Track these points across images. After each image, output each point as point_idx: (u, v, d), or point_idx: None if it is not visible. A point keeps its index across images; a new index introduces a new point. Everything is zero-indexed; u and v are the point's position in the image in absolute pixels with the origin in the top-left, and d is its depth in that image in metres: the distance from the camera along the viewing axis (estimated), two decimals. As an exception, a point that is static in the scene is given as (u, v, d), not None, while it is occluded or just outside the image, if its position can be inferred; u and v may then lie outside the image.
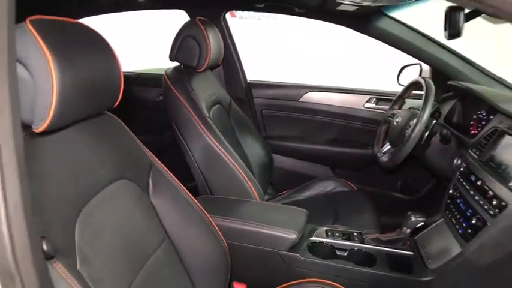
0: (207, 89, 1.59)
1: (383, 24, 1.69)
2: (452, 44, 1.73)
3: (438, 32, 1.74)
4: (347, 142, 2.04)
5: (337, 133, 2.06)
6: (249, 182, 1.41)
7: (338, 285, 1.10)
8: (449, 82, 1.62)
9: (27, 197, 0.41)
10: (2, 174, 0.38)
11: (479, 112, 1.48)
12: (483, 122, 1.43)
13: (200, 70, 1.51)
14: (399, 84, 2.02)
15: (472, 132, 1.47)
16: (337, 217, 1.59)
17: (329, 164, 2.11)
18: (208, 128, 1.41)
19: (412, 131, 1.36)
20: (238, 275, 1.17)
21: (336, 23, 1.75)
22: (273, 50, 10.25)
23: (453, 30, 0.94)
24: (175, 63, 1.56)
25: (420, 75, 1.89)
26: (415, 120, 1.41)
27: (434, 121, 1.44)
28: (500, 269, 1.00)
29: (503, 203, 0.99)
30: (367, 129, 1.97)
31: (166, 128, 2.13)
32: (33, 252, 0.41)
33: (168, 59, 1.53)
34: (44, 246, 0.57)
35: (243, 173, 1.41)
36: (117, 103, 0.88)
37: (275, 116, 2.13)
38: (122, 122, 0.98)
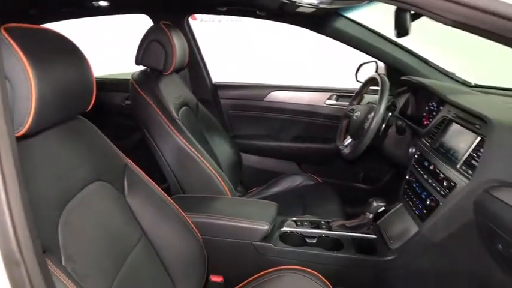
0: (174, 91, 1.62)
1: (340, 24, 1.79)
2: (405, 41, 1.87)
3: (390, 31, 1.88)
4: (311, 138, 2.13)
5: (302, 130, 2.15)
6: (220, 180, 1.46)
7: (309, 270, 1.17)
8: (403, 77, 1.74)
9: (25, 195, 0.45)
10: (3, 176, 0.42)
11: (430, 104, 1.61)
12: (434, 113, 1.55)
13: (167, 73, 1.54)
14: (357, 81, 2.14)
15: (425, 122, 1.60)
16: (305, 209, 1.67)
17: (295, 160, 2.19)
18: (178, 129, 1.45)
19: (370, 123, 1.46)
20: (215, 268, 1.22)
21: (295, 25, 1.83)
22: (235, 51, 10.31)
23: (402, 29, 1.04)
24: (138, 68, 1.58)
25: (376, 71, 2.01)
26: (372, 114, 1.51)
27: (390, 114, 1.55)
28: (453, 242, 1.11)
29: (452, 184, 1.10)
30: (329, 125, 2.07)
31: (132, 133, 2.14)
32: (33, 242, 0.44)
33: (124, 64, 1.55)
34: None
35: (214, 171, 1.46)
36: (90, 107, 0.90)
37: (242, 116, 2.19)
38: (94, 125, 1.00)
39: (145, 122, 1.49)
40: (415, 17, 1.03)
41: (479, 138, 1.10)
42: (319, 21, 1.78)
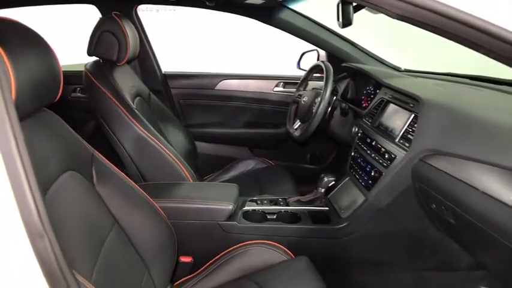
0: (128, 82, 1.63)
1: (285, 15, 1.90)
2: (344, 31, 2.03)
3: (330, 21, 2.03)
4: (262, 124, 2.24)
5: (252, 116, 2.25)
6: (181, 166, 1.51)
7: (272, 242, 1.28)
8: (344, 64, 1.90)
9: (34, 175, 0.49)
10: (21, 156, 0.46)
11: (367, 88, 1.78)
12: (371, 96, 1.73)
13: (120, 64, 1.55)
14: (300, 68, 2.28)
15: (364, 105, 1.77)
16: (261, 190, 1.77)
17: (247, 145, 2.29)
18: (136, 118, 1.47)
19: (318, 107, 1.59)
20: (184, 249, 1.28)
21: (243, 15, 1.91)
22: (174, 40, 10.12)
23: (345, 20, 1.16)
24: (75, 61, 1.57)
25: (318, 59, 2.16)
26: (319, 98, 1.64)
27: (334, 98, 1.70)
28: (395, 206, 1.28)
29: (392, 156, 1.26)
30: (278, 111, 2.19)
31: (82, 125, 2.09)
32: (49, 216, 0.48)
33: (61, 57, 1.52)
34: None
35: (174, 158, 1.50)
36: (58, 97, 0.91)
37: (193, 105, 2.23)
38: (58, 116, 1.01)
39: (103, 112, 1.49)
40: (357, 8, 1.17)
41: (413, 115, 1.27)
42: (266, 12, 1.87)
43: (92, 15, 1.86)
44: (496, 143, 0.96)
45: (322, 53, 2.15)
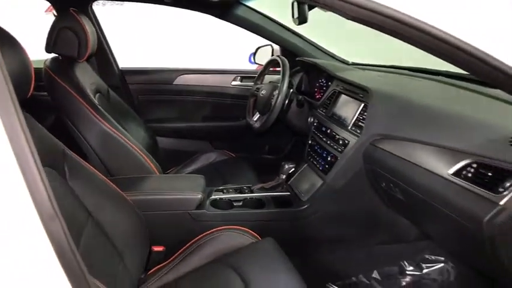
0: (88, 78, 1.63)
1: (241, 12, 1.97)
2: (298, 27, 2.14)
3: (282, 17, 2.14)
4: (221, 117, 2.31)
5: (211, 110, 2.31)
6: (146, 159, 1.55)
7: (240, 227, 1.36)
8: (298, 58, 2.01)
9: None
10: (29, 143, 0.50)
11: (320, 80, 1.91)
12: (324, 88, 1.86)
13: (82, 60, 1.54)
14: (255, 62, 2.37)
15: (317, 96, 1.90)
16: (225, 180, 1.85)
17: (208, 138, 2.35)
18: (100, 114, 1.48)
19: (276, 100, 1.69)
20: (156, 239, 1.32)
21: (201, 12, 1.96)
22: (122, 35, 9.77)
23: (301, 18, 1.26)
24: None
25: (272, 54, 2.26)
26: (277, 91, 1.74)
27: (291, 90, 1.80)
28: (349, 187, 1.41)
29: (346, 142, 1.39)
30: (237, 104, 2.27)
31: (40, 123, 2.03)
32: (57, 201, 0.53)
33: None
34: None
35: (140, 151, 1.53)
36: (30, 93, 0.93)
37: (152, 100, 2.24)
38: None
39: (66, 109, 1.48)
40: (311, 7, 1.27)
41: (363, 105, 1.40)
42: (222, 9, 1.94)
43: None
44: (435, 126, 1.12)
45: (276, 47, 2.25)
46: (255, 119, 1.92)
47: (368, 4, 0.65)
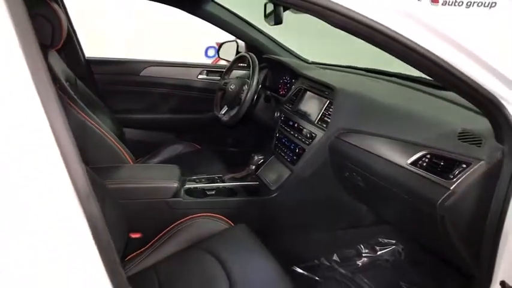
0: (59, 67, 1.60)
1: (210, 7, 2.02)
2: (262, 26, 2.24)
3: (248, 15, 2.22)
4: (187, 109, 2.34)
5: (178, 102, 2.33)
6: (121, 149, 1.57)
7: (214, 214, 1.43)
8: (264, 55, 2.11)
9: None
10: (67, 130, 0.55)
11: (284, 77, 2.03)
12: (288, 85, 1.97)
13: (56, 47, 1.52)
14: (220, 57, 2.43)
15: (281, 92, 2.01)
16: (193, 171, 1.90)
17: (174, 130, 2.37)
18: (74, 102, 1.47)
19: (247, 94, 1.77)
20: (134, 226, 1.36)
21: (172, 6, 1.98)
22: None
23: (277, 19, 1.35)
24: None
25: (237, 49, 2.33)
26: (246, 87, 1.83)
27: (260, 86, 1.90)
28: (315, 177, 1.54)
29: (313, 135, 1.51)
30: (203, 97, 2.32)
31: None
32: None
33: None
34: None
35: (114, 141, 1.55)
36: None
37: (118, 91, 2.22)
38: None
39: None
40: (286, 8, 1.37)
41: (328, 101, 1.53)
42: (193, 4, 1.98)
43: None
44: (394, 122, 1.26)
45: (241, 43, 2.32)
46: (223, 113, 1.99)
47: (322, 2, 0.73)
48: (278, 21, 1.37)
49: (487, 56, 0.77)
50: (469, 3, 0.77)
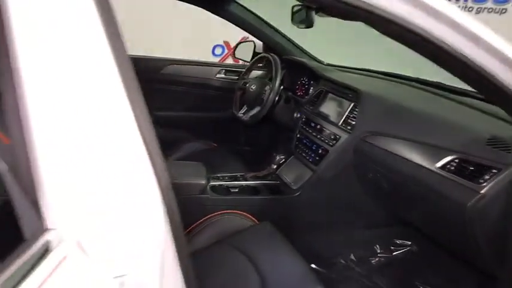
0: None
1: (233, 8, 2.05)
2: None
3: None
4: (204, 108, 2.38)
5: (196, 101, 2.36)
6: None
7: (239, 211, 1.47)
8: (284, 57, 2.14)
9: None
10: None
11: (302, 78, 2.06)
12: (306, 86, 2.01)
13: None
14: (235, 57, 2.46)
15: (299, 93, 2.05)
16: (211, 168, 1.92)
17: (190, 128, 2.40)
18: None
19: (269, 95, 1.81)
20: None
21: (194, 4, 2.00)
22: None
23: (308, 22, 1.38)
24: None
25: (254, 50, 2.36)
26: (267, 87, 1.86)
27: (282, 87, 1.93)
28: (338, 177, 1.57)
29: (337, 137, 1.55)
30: (220, 96, 2.35)
31: None
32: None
33: None
34: None
35: None
36: None
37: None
38: None
39: None
40: (317, 11, 1.40)
41: (352, 104, 1.57)
42: (217, 4, 2.01)
43: None
44: (421, 126, 1.30)
45: (258, 44, 2.35)
46: (242, 112, 2.02)
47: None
48: (309, 24, 1.40)
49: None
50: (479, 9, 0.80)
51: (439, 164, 1.14)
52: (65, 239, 0.48)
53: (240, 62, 2.57)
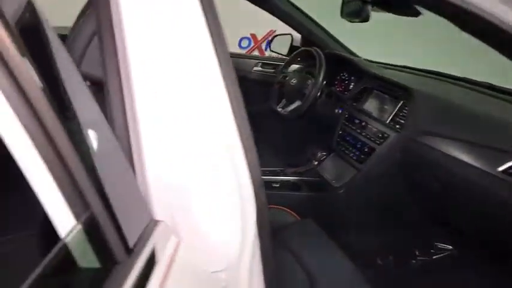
0: None
1: (276, 0, 2.02)
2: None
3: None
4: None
5: None
6: None
7: (281, 207, 1.45)
8: (327, 51, 2.09)
9: None
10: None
11: (341, 74, 2.01)
12: (346, 82, 1.96)
13: None
14: (271, 50, 2.43)
15: (338, 89, 2.00)
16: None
17: None
18: None
19: (312, 89, 1.77)
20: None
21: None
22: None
23: (365, 15, 1.34)
24: None
25: (292, 43, 2.33)
26: (309, 81, 1.82)
27: (325, 82, 1.89)
28: (383, 176, 1.53)
29: (385, 135, 1.50)
30: (257, 89, 2.32)
31: None
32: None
33: None
34: None
35: None
36: None
37: None
38: None
39: None
40: (373, 4, 1.36)
41: (401, 102, 1.52)
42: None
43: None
44: (477, 127, 1.25)
45: (296, 37, 2.31)
46: (281, 106, 1.99)
47: None
48: (365, 18, 1.36)
49: None
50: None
51: (501, 168, 1.09)
52: (172, 231, 0.47)
53: (266, 55, 2.54)
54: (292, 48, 2.28)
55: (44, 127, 0.32)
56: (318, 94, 1.84)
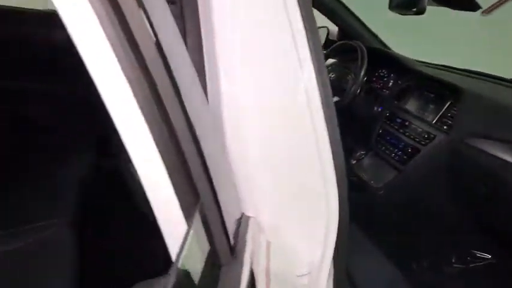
0: None
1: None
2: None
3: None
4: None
5: None
6: None
7: None
8: (367, 46, 2.02)
9: None
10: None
11: (380, 70, 1.94)
12: (385, 78, 1.89)
13: None
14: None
15: (377, 86, 1.93)
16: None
17: None
18: None
19: (352, 85, 1.72)
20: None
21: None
22: None
23: (420, 7, 1.27)
24: None
25: (327, 36, 2.26)
26: (349, 76, 1.77)
27: (366, 78, 1.83)
28: (426, 179, 1.47)
29: (431, 136, 1.44)
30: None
31: None
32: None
33: None
34: None
35: None
36: None
37: None
38: None
39: None
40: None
41: (449, 102, 1.45)
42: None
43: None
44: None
45: (332, 30, 2.24)
46: (318, 100, 1.94)
47: None
48: (421, 10, 1.29)
49: None
50: None
51: None
52: (262, 227, 0.44)
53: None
54: (328, 41, 2.23)
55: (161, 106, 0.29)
56: (358, 90, 1.79)
